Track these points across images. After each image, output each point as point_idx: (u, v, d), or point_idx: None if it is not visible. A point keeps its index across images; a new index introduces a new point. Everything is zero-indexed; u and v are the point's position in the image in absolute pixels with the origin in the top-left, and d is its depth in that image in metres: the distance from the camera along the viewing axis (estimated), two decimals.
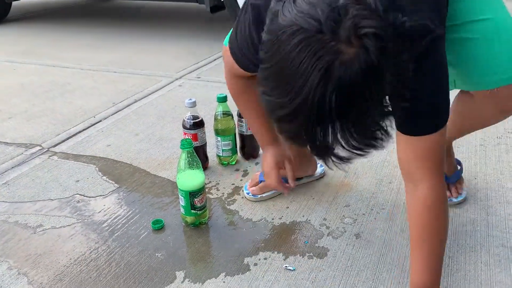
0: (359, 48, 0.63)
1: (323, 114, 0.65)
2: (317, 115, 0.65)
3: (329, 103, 0.64)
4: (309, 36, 0.63)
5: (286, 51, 0.64)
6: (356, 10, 0.63)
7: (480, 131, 1.66)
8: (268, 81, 0.68)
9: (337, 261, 1.07)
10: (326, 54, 0.62)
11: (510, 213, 1.21)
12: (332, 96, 0.63)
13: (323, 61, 0.62)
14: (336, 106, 0.64)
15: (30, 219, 1.27)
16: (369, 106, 0.67)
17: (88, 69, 2.58)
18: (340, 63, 0.62)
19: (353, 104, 0.65)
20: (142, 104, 2.05)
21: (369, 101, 0.66)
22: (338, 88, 0.63)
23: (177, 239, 1.17)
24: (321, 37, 0.62)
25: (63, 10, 4.46)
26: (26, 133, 1.80)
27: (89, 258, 1.11)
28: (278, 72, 0.66)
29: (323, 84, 0.63)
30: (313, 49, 0.63)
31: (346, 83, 0.63)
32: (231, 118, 1.46)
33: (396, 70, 0.68)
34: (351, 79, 0.63)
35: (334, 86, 0.63)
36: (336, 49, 0.63)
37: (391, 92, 0.71)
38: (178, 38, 3.17)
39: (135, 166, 1.53)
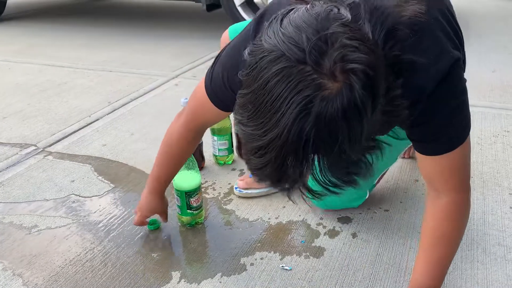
0: (343, 84, 0.57)
1: (297, 151, 0.59)
2: (290, 152, 0.60)
3: (305, 141, 0.59)
4: (291, 66, 0.57)
5: (264, 78, 0.59)
6: (346, 39, 0.57)
7: (476, 129, 1.66)
8: (244, 109, 0.62)
9: (333, 260, 1.07)
10: (306, 88, 0.57)
11: (507, 212, 1.21)
12: (309, 133, 0.58)
13: (303, 95, 0.57)
14: (313, 144, 0.59)
15: (25, 219, 1.26)
16: (350, 145, 0.60)
17: (84, 69, 2.57)
18: (321, 99, 0.57)
19: (331, 143, 0.59)
20: (138, 104, 2.04)
21: (351, 141, 0.60)
22: (316, 126, 0.58)
23: (173, 239, 1.17)
24: (303, 68, 0.57)
25: (58, 9, 4.44)
26: (21, 133, 1.79)
27: (85, 258, 1.11)
28: (255, 101, 0.60)
29: (300, 120, 0.57)
30: (293, 81, 0.57)
31: (326, 121, 0.57)
32: (227, 118, 1.45)
33: (387, 108, 0.63)
34: (332, 117, 0.57)
35: (311, 124, 0.57)
36: (318, 83, 0.57)
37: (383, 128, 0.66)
38: (174, 37, 3.16)
39: (130, 166, 1.52)
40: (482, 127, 1.68)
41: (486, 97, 1.96)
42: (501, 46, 2.69)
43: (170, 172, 1.12)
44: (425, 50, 0.73)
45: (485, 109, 1.84)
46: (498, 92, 2.02)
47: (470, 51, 2.59)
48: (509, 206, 1.23)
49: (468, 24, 3.27)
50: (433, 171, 0.86)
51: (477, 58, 2.49)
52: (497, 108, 1.85)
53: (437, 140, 0.81)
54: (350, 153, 0.61)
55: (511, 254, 1.06)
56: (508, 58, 2.48)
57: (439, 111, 0.78)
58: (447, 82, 0.75)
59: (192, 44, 2.97)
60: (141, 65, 2.60)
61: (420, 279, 0.90)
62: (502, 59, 2.47)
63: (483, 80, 2.17)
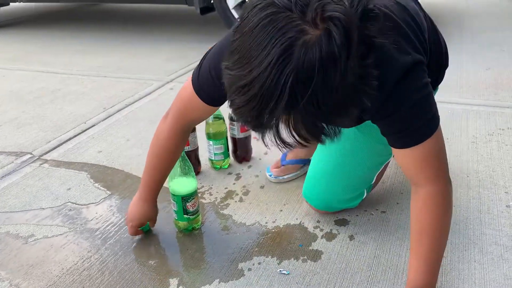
0: (323, 31, 0.63)
1: (276, 92, 0.65)
2: (270, 92, 0.65)
3: (283, 83, 0.64)
4: (278, 12, 0.64)
5: (253, 22, 0.65)
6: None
7: (471, 127, 1.67)
8: (233, 54, 0.68)
9: (331, 263, 1.07)
10: (290, 32, 0.63)
11: (503, 211, 1.21)
12: (289, 76, 0.63)
13: (286, 37, 0.63)
14: (290, 88, 0.64)
15: (21, 229, 1.26)
16: (324, 100, 0.66)
17: (78, 75, 2.56)
18: (302, 43, 0.63)
19: (307, 91, 0.64)
20: (133, 109, 2.04)
21: (325, 87, 0.65)
22: (295, 69, 0.63)
23: (170, 245, 1.16)
24: (289, 15, 0.63)
25: (51, 15, 4.43)
26: (16, 141, 1.79)
27: (82, 267, 1.10)
28: (243, 44, 0.66)
29: (282, 61, 0.63)
30: (279, 25, 0.63)
31: (304, 66, 0.63)
32: (222, 122, 1.45)
33: (359, 72, 0.68)
34: (310, 62, 0.63)
35: (292, 67, 0.63)
36: (301, 28, 0.63)
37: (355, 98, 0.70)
38: (168, 41, 3.16)
39: (127, 172, 1.52)
40: (477, 125, 1.69)
41: (481, 95, 1.97)
42: (495, 44, 2.70)
43: (160, 175, 1.13)
44: (395, 43, 0.80)
45: (479, 107, 1.84)
46: (492, 90, 2.02)
47: (464, 50, 2.61)
48: (505, 205, 1.24)
49: (462, 22, 3.28)
50: (406, 164, 0.90)
51: (471, 56, 2.50)
52: (492, 106, 1.86)
53: (404, 133, 0.86)
54: (321, 103, 0.66)
55: (508, 253, 1.07)
56: (502, 56, 2.49)
57: (401, 104, 0.83)
58: (410, 77, 0.81)
59: (186, 47, 2.97)
60: (136, 70, 2.60)
61: (412, 276, 0.91)
62: (496, 56, 2.47)
63: (477, 78, 2.17)
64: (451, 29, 3.08)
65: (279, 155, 1.50)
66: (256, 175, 1.46)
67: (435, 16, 3.43)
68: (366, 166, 1.18)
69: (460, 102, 1.91)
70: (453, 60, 2.40)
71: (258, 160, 1.54)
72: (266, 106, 0.67)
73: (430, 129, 0.86)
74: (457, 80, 2.15)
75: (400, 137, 0.87)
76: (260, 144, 1.64)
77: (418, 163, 0.89)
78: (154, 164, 1.12)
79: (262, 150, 1.60)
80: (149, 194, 1.15)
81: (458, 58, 2.46)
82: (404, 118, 0.85)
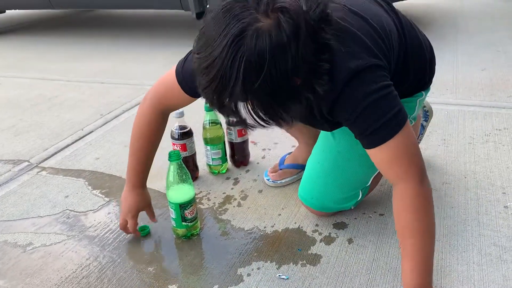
0: (273, 21, 0.73)
1: (233, 74, 0.73)
2: (227, 74, 0.73)
3: (238, 66, 0.73)
4: (236, 1, 0.75)
5: (215, 11, 0.76)
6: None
7: (468, 128, 1.67)
8: (199, 40, 0.78)
9: (330, 267, 1.07)
10: (244, 19, 0.73)
11: (501, 212, 1.22)
12: (241, 59, 0.72)
13: (240, 23, 0.72)
14: (244, 71, 0.73)
15: (19, 237, 1.26)
16: (276, 85, 0.75)
17: (75, 81, 2.56)
18: (254, 29, 0.72)
19: (259, 76, 0.73)
20: (130, 115, 2.04)
21: (276, 80, 0.74)
22: (247, 53, 0.72)
23: (169, 252, 1.16)
24: (245, 5, 0.74)
25: (47, 22, 4.43)
26: (14, 149, 1.78)
27: (81, 275, 1.10)
28: (206, 30, 0.77)
29: (236, 44, 0.72)
30: (235, 12, 0.74)
31: (255, 51, 0.72)
32: (219, 127, 1.45)
33: (310, 62, 0.77)
34: (261, 48, 0.72)
35: (243, 50, 0.72)
36: (254, 17, 0.73)
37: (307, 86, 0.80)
38: (164, 46, 3.16)
39: (125, 178, 1.51)
40: (473, 126, 1.69)
41: (477, 96, 1.98)
42: (490, 44, 2.71)
43: (145, 158, 1.18)
44: (347, 48, 0.87)
45: (476, 108, 1.85)
46: (488, 90, 2.03)
47: (460, 50, 2.61)
48: (503, 206, 1.24)
49: (457, 23, 3.29)
50: (377, 163, 0.95)
51: (466, 57, 2.50)
52: (488, 106, 1.86)
53: (366, 134, 0.91)
54: (274, 89, 0.75)
55: (506, 254, 1.07)
56: (497, 56, 2.49)
57: (355, 106, 0.89)
58: (361, 79, 0.88)
59: (182, 52, 2.93)
60: (133, 75, 2.60)
61: (407, 280, 0.90)
62: (491, 57, 2.48)
63: (473, 79, 2.18)
64: (446, 30, 3.09)
65: (277, 159, 1.50)
66: (254, 179, 1.46)
67: (430, 18, 3.44)
68: (362, 165, 1.18)
69: (456, 103, 1.91)
70: (448, 61, 2.43)
71: (256, 165, 1.54)
72: (225, 87, 0.75)
73: (392, 129, 0.89)
74: (453, 81, 2.16)
75: (364, 137, 0.92)
76: (258, 148, 1.65)
77: (386, 162, 0.92)
78: (139, 146, 1.17)
79: (260, 154, 1.61)
80: (137, 180, 1.19)
81: (453, 59, 2.47)
82: (362, 120, 0.90)
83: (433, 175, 1.40)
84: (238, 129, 1.47)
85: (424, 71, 1.16)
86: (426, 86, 1.20)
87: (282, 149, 1.62)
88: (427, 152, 1.54)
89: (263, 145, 1.67)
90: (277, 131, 1.75)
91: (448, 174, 1.40)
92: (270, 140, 1.70)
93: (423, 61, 1.14)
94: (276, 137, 1.72)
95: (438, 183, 1.36)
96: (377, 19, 0.98)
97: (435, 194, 1.31)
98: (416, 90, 1.18)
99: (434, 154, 1.52)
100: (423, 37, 1.16)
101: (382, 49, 0.94)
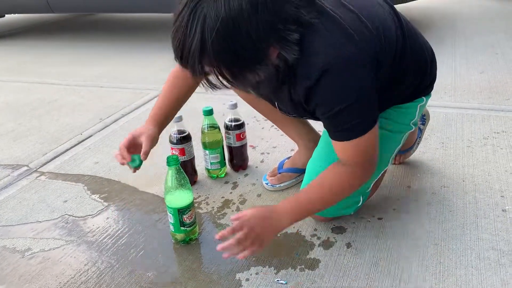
0: None
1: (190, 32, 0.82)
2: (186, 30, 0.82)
3: (196, 24, 0.81)
4: None
5: None
6: None
7: (466, 131, 1.67)
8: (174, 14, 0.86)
9: (328, 272, 1.07)
10: None
11: (499, 215, 1.22)
12: (199, 16, 0.80)
13: None
14: (201, 29, 0.80)
15: (18, 243, 1.26)
16: (236, 46, 0.82)
17: (74, 85, 2.57)
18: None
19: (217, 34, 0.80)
20: (129, 119, 2.04)
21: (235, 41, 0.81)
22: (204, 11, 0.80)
23: (167, 257, 1.16)
24: None
25: (46, 26, 4.44)
26: (13, 153, 1.78)
27: (79, 281, 1.10)
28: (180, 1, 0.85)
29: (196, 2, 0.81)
30: None
31: (213, 10, 0.79)
32: (218, 131, 1.46)
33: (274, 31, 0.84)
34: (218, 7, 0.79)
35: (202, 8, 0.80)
36: None
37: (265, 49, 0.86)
38: (164, 50, 3.16)
39: (123, 183, 1.52)
40: (472, 129, 1.69)
41: (475, 99, 1.98)
42: (488, 47, 2.72)
43: (172, 100, 1.24)
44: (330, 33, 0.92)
45: (474, 111, 1.85)
46: (486, 93, 2.03)
47: (458, 53, 2.62)
48: (501, 209, 1.24)
49: (455, 26, 3.30)
50: (336, 150, 1.03)
51: (465, 59, 2.51)
52: (486, 109, 1.86)
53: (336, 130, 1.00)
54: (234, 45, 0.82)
55: (505, 258, 1.07)
56: (495, 59, 2.50)
57: (332, 106, 0.95)
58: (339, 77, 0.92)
59: None
60: (132, 79, 2.60)
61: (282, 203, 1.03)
62: (490, 60, 2.49)
63: (471, 81, 2.18)
64: (445, 32, 3.09)
65: (276, 163, 1.50)
66: (253, 183, 1.46)
67: (428, 21, 3.45)
68: None
69: (454, 106, 1.92)
70: (447, 64, 2.43)
71: (255, 169, 1.54)
72: (185, 43, 0.82)
73: (360, 131, 0.98)
74: (451, 84, 2.16)
75: (333, 132, 1.01)
76: (256, 152, 1.65)
77: (344, 150, 1.02)
78: (170, 90, 1.24)
79: (259, 158, 1.61)
80: (155, 116, 1.22)
81: (451, 62, 2.48)
82: (336, 120, 0.98)
83: (431, 179, 1.40)
84: (236, 134, 1.47)
85: (424, 73, 1.16)
86: (427, 91, 1.20)
87: (281, 153, 1.62)
88: (426, 155, 1.54)
89: (261, 149, 1.67)
90: (276, 134, 1.76)
91: (446, 177, 1.41)
92: (269, 144, 1.70)
93: (423, 62, 1.15)
94: (275, 141, 1.72)
95: (436, 186, 1.36)
96: (368, 15, 1.00)
97: (433, 197, 1.31)
98: (417, 95, 1.18)
99: (433, 157, 1.52)
100: (424, 40, 1.17)
101: (370, 43, 0.97)
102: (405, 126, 1.20)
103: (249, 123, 1.84)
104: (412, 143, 1.46)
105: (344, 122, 0.97)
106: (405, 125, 1.20)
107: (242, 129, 1.48)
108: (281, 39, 0.86)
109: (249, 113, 1.86)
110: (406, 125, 1.20)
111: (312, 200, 1.04)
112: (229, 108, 1.46)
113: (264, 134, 1.78)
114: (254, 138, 1.74)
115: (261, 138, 1.75)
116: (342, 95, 0.94)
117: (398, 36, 1.05)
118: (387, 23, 1.03)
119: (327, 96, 0.95)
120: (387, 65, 1.02)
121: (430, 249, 1.11)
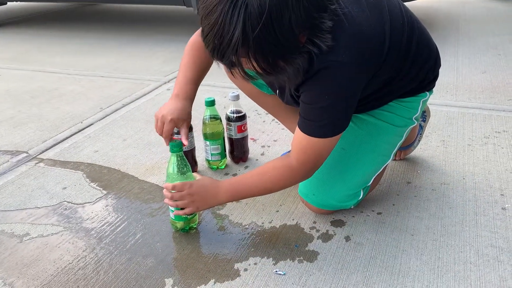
0: None
1: (232, 21, 0.78)
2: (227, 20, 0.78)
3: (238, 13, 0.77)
4: None
5: None
6: None
7: (467, 130, 1.67)
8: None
9: (327, 264, 1.07)
10: None
11: (498, 213, 1.22)
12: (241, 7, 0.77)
13: None
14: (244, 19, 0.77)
15: (16, 228, 1.25)
16: (275, 36, 0.79)
17: (75, 74, 2.56)
18: None
19: (258, 23, 0.77)
20: (130, 109, 2.04)
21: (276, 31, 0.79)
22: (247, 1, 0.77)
23: (166, 245, 1.16)
24: None
25: (49, 15, 4.42)
26: (12, 140, 1.78)
27: (77, 266, 1.10)
28: None
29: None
30: None
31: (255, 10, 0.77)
32: (219, 122, 1.45)
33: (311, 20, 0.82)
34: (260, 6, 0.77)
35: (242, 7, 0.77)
36: None
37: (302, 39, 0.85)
38: (166, 42, 3.16)
39: (123, 172, 1.51)
40: (473, 128, 1.69)
41: (477, 99, 1.98)
42: (491, 47, 2.71)
43: (198, 72, 1.24)
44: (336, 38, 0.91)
45: (475, 110, 1.85)
46: (488, 93, 2.03)
47: (461, 53, 2.62)
48: (501, 207, 1.24)
49: (458, 26, 3.30)
50: (294, 138, 1.05)
51: (467, 59, 2.51)
52: (488, 109, 1.86)
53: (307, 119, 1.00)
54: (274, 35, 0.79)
55: (503, 255, 1.07)
56: (498, 59, 2.50)
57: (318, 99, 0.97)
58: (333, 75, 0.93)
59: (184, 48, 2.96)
60: (133, 70, 2.59)
61: (221, 183, 1.10)
62: (492, 60, 2.49)
63: (473, 81, 2.18)
64: (448, 32, 3.09)
65: (276, 156, 1.50)
66: None
67: (432, 20, 3.45)
68: (366, 163, 1.18)
69: (456, 105, 1.91)
70: (449, 64, 2.43)
71: (255, 161, 1.54)
72: (226, 33, 0.79)
73: (326, 132, 1.00)
74: (454, 83, 2.16)
75: (304, 120, 1.01)
76: (257, 145, 1.64)
77: (300, 144, 1.03)
78: (192, 56, 1.24)
79: (259, 151, 1.60)
80: (183, 89, 1.22)
81: (454, 61, 2.47)
82: (315, 112, 0.99)
83: (432, 176, 1.40)
84: (238, 125, 1.47)
85: (429, 68, 1.15)
86: (430, 87, 1.20)
87: (282, 147, 1.62)
88: (426, 152, 1.54)
89: (262, 142, 1.67)
90: (277, 128, 1.75)
91: (446, 175, 1.41)
92: (270, 138, 1.70)
93: (430, 56, 1.15)
94: (275, 134, 1.72)
95: (436, 183, 1.36)
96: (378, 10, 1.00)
97: (433, 194, 1.31)
98: (420, 89, 1.18)
99: (433, 155, 1.52)
100: (430, 36, 1.17)
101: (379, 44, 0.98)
102: (408, 120, 1.20)
103: (250, 116, 1.83)
104: (413, 140, 1.46)
105: (316, 116, 0.99)
106: (408, 119, 1.20)
107: (244, 121, 1.47)
108: (315, 27, 0.85)
109: (251, 106, 1.86)
110: (409, 119, 1.20)
111: (250, 186, 1.10)
112: (231, 100, 1.45)
113: (265, 128, 1.78)
114: (255, 131, 1.74)
115: (262, 131, 1.75)
116: (331, 94, 0.96)
117: (404, 27, 1.05)
118: (396, 17, 1.03)
119: (317, 89, 0.96)
120: (393, 59, 1.02)
121: (429, 244, 1.11)
